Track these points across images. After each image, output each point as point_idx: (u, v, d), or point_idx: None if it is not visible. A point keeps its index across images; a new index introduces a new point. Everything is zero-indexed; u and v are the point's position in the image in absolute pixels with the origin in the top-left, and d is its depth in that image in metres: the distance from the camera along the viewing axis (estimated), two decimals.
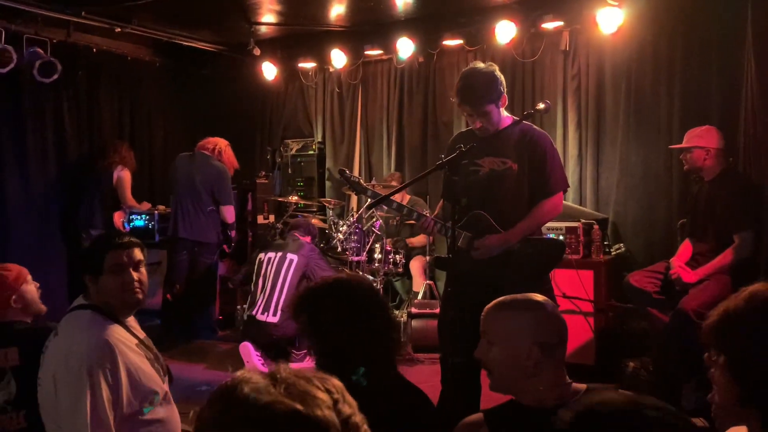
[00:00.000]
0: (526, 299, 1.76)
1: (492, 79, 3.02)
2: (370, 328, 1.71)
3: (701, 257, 3.93)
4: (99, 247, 2.22)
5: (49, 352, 2.09)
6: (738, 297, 1.33)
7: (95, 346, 2.03)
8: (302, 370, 0.82)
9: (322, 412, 0.76)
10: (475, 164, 3.08)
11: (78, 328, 2.09)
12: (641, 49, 5.08)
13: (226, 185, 5.63)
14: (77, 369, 1.98)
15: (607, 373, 4.16)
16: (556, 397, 1.66)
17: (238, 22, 5.91)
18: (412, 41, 5.77)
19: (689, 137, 4.03)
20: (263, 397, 0.75)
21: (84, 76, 6.11)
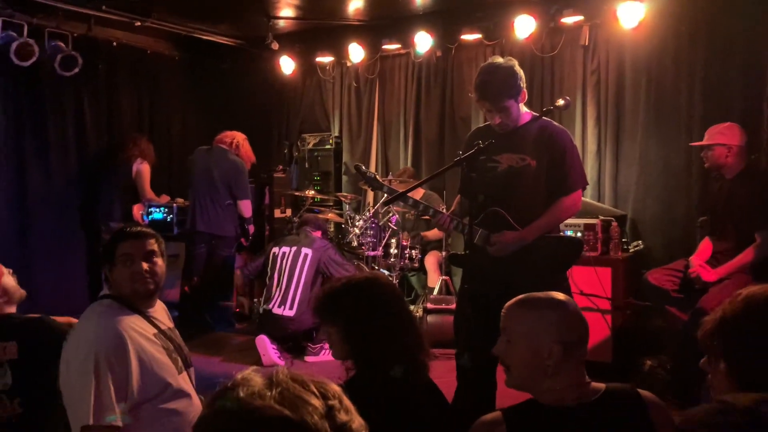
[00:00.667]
0: (548, 297, 1.73)
1: (511, 74, 2.99)
2: (402, 325, 1.73)
3: (721, 256, 3.88)
4: (113, 239, 2.27)
5: (67, 344, 2.13)
6: (734, 301, 1.31)
7: (103, 334, 2.07)
8: (301, 375, 0.83)
9: (312, 419, 0.77)
10: (493, 160, 3.05)
11: (92, 317, 2.15)
12: (662, 45, 5.01)
13: (242, 179, 5.66)
14: (84, 355, 2.02)
15: (624, 370, 4.13)
16: (575, 396, 1.64)
17: (257, 16, 5.93)
18: (430, 35, 5.75)
19: (711, 134, 3.98)
20: (255, 401, 0.77)
21: (104, 69, 6.17)
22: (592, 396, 1.65)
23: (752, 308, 1.27)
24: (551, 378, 1.66)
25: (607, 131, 5.36)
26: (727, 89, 4.70)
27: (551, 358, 1.63)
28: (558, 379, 1.66)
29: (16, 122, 5.56)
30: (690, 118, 4.88)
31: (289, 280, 4.80)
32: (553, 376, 1.66)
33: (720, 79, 4.73)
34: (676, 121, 4.97)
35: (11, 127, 5.53)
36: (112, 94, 6.32)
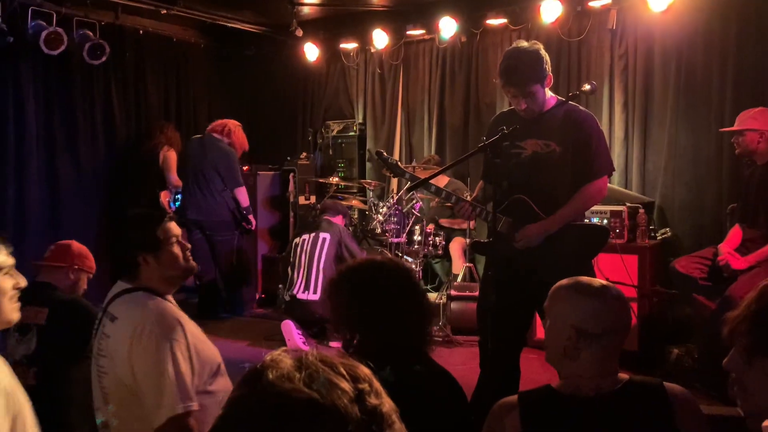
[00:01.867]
0: (587, 284, 1.72)
1: (537, 59, 2.94)
2: (403, 314, 1.68)
3: (751, 244, 3.81)
4: (149, 223, 2.19)
5: (117, 338, 2.04)
6: (764, 293, 1.22)
7: (166, 322, 2.03)
8: (331, 357, 0.83)
9: (341, 402, 0.76)
10: (518, 146, 3.00)
11: (142, 307, 2.07)
12: (693, 28, 4.91)
13: (232, 167, 5.65)
14: (155, 347, 1.96)
15: (650, 359, 4.10)
16: (594, 386, 1.63)
17: (281, 3, 5.93)
18: (454, 21, 5.70)
19: (742, 119, 3.89)
20: (284, 384, 0.77)
21: (131, 57, 6.24)
22: (613, 387, 1.62)
23: None
24: (570, 362, 1.67)
25: (635, 117, 5.28)
26: (759, 74, 4.60)
27: (569, 341, 1.65)
28: (578, 367, 1.66)
29: (46, 110, 5.67)
30: (721, 104, 4.79)
31: (309, 265, 4.85)
32: (571, 360, 1.66)
33: (752, 64, 4.63)
34: (706, 106, 4.88)
35: (42, 115, 5.63)
36: (139, 82, 6.40)
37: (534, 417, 1.62)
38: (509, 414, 1.63)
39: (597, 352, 1.65)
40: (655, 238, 4.65)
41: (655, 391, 1.63)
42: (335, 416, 0.75)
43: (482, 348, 2.99)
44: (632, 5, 5.11)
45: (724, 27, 4.78)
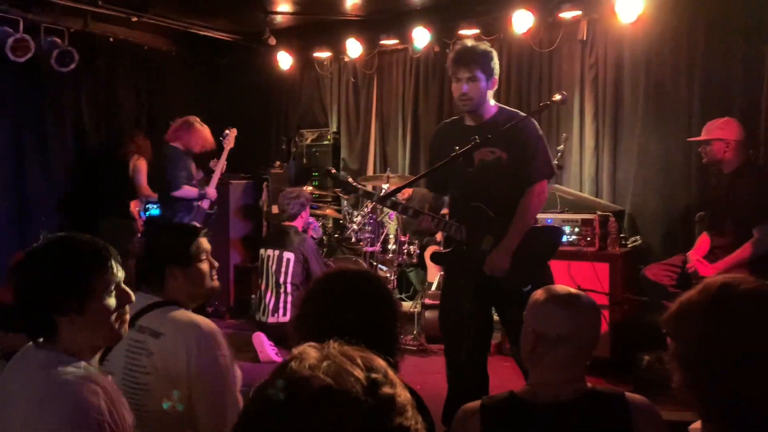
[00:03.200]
0: (553, 291, 1.76)
1: (488, 52, 3.05)
2: (368, 324, 1.64)
3: (719, 251, 3.88)
4: (186, 237, 2.16)
5: (168, 353, 1.96)
6: (695, 288, 1.39)
7: (217, 336, 2.00)
8: (351, 350, 0.90)
9: (354, 389, 0.83)
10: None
11: (187, 323, 2.02)
12: (661, 39, 5.00)
13: (169, 170, 5.16)
14: (214, 361, 1.95)
15: (622, 366, 4.13)
16: (552, 394, 1.64)
17: (254, 12, 5.92)
18: (428, 30, 5.73)
19: (709, 129, 3.97)
20: (304, 371, 0.85)
21: (102, 65, 6.16)
22: (574, 395, 1.64)
23: (705, 295, 1.33)
24: (535, 369, 1.70)
25: (605, 126, 5.35)
26: (726, 84, 4.69)
27: (528, 344, 1.70)
28: (540, 373, 1.69)
29: (14, 118, 5.56)
30: (689, 114, 4.87)
31: (278, 287, 4.74)
32: (536, 367, 1.69)
33: (719, 74, 4.72)
34: (675, 116, 4.96)
35: (9, 124, 5.52)
36: (110, 90, 6.32)
37: (494, 422, 1.64)
38: (471, 418, 1.66)
39: (557, 358, 1.66)
40: (626, 246, 4.70)
41: (615, 401, 1.64)
42: (347, 401, 0.82)
43: (451, 357, 2.99)
44: (602, 17, 5.19)
45: (691, 39, 4.88)
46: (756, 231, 3.69)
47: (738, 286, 1.32)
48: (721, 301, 1.32)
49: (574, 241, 4.43)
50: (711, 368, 1.27)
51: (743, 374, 1.25)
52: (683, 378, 1.33)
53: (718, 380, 1.26)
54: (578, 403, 1.62)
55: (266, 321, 4.77)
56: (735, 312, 1.30)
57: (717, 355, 1.27)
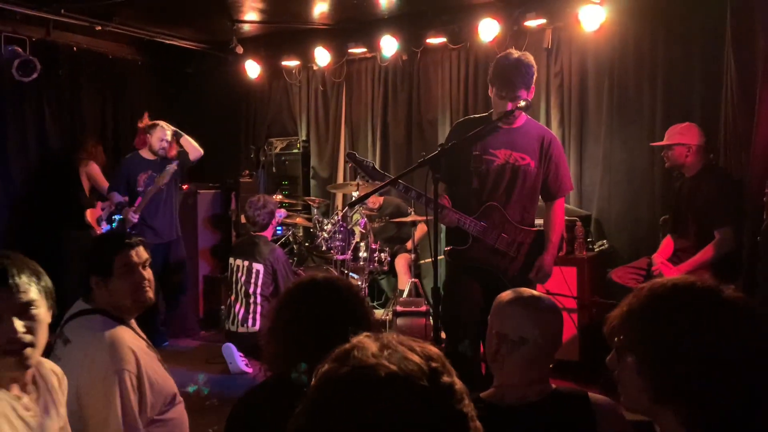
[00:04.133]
0: (516, 294, 1.78)
1: (531, 66, 3.14)
2: (324, 325, 1.63)
3: (683, 253, 3.96)
4: (108, 248, 2.15)
5: (65, 363, 1.94)
6: (639, 294, 1.28)
7: (118, 351, 1.96)
8: (409, 339, 0.93)
9: (418, 376, 0.86)
10: (490, 153, 3.13)
11: (94, 334, 2.00)
12: (623, 47, 5.10)
13: (111, 174, 5.53)
14: (103, 377, 1.91)
15: (591, 368, 4.18)
16: (518, 396, 1.66)
17: (221, 20, 5.88)
18: (395, 39, 5.77)
19: (670, 134, 4.06)
20: (369, 360, 0.87)
21: (65, 75, 6.05)
22: (537, 396, 1.66)
23: (657, 298, 1.24)
24: (500, 371, 1.72)
25: (571, 133, 5.43)
26: (686, 90, 4.81)
27: (491, 347, 1.72)
28: (504, 375, 1.70)
29: None
30: (652, 119, 4.98)
31: (247, 297, 4.71)
32: (500, 369, 1.71)
33: (680, 81, 4.84)
34: (638, 122, 5.07)
35: None
36: (74, 100, 6.20)
37: None
38: None
39: (519, 360, 1.68)
40: (593, 250, 4.77)
41: (578, 401, 1.66)
42: (412, 387, 0.85)
43: (457, 352, 2.99)
44: (566, 25, 5.28)
45: (652, 46, 4.99)
46: (717, 233, 3.78)
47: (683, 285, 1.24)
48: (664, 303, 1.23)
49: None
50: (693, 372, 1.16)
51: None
52: (653, 392, 1.21)
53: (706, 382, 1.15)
54: (543, 404, 1.64)
55: (236, 331, 4.72)
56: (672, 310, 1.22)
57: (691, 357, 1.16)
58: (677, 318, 1.19)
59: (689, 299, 1.21)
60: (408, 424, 0.83)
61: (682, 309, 1.20)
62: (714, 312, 1.18)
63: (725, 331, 1.17)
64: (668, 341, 1.18)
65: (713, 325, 1.17)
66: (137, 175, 5.31)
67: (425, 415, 0.84)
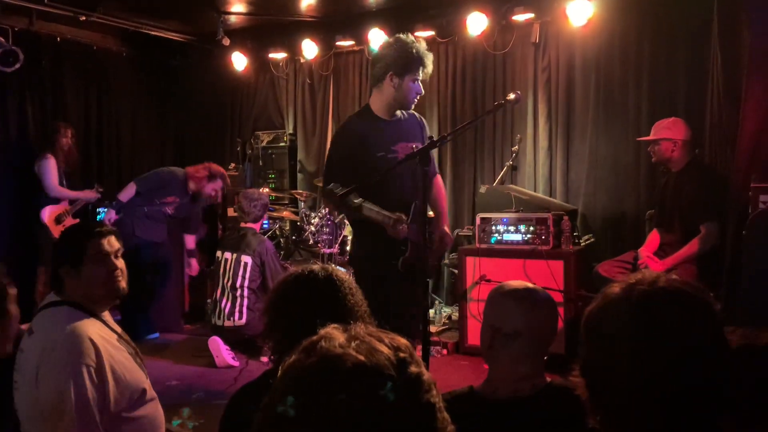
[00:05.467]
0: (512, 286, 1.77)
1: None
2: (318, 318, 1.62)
3: (668, 247, 3.99)
4: (77, 237, 2.11)
5: (27, 353, 1.96)
6: (596, 297, 1.28)
7: (78, 343, 1.93)
8: (377, 330, 0.94)
9: (385, 366, 0.86)
10: (392, 151, 3.06)
11: (57, 324, 1.98)
12: (610, 42, 5.13)
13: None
14: (61, 366, 1.88)
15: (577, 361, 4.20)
16: (511, 389, 1.65)
17: (207, 12, 5.82)
18: (383, 32, 5.73)
19: (656, 129, 4.09)
20: (336, 350, 0.87)
21: (48, 65, 5.96)
22: (531, 390, 1.65)
23: (607, 302, 1.24)
24: (493, 364, 1.71)
25: (558, 128, 5.46)
26: (672, 86, 4.84)
27: (485, 340, 1.71)
28: (497, 369, 1.70)
29: None
30: (638, 115, 5.01)
31: (234, 290, 4.67)
32: (494, 362, 1.71)
33: (666, 76, 4.87)
34: (624, 117, 5.10)
35: None
36: (58, 91, 6.11)
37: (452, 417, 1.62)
38: None
39: (513, 353, 1.67)
40: (579, 244, 4.79)
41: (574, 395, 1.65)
42: (380, 377, 0.85)
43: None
44: (554, 19, 5.29)
45: (639, 42, 5.02)
46: (703, 227, 3.82)
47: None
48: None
49: (529, 240, 4.50)
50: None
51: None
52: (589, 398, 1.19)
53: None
54: (537, 398, 1.64)
55: (222, 325, 4.69)
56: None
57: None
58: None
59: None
60: (375, 415, 0.83)
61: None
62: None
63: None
64: (601, 348, 1.21)
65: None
66: (170, 194, 5.32)
67: (394, 406, 0.84)
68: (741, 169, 3.51)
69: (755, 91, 3.42)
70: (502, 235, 4.57)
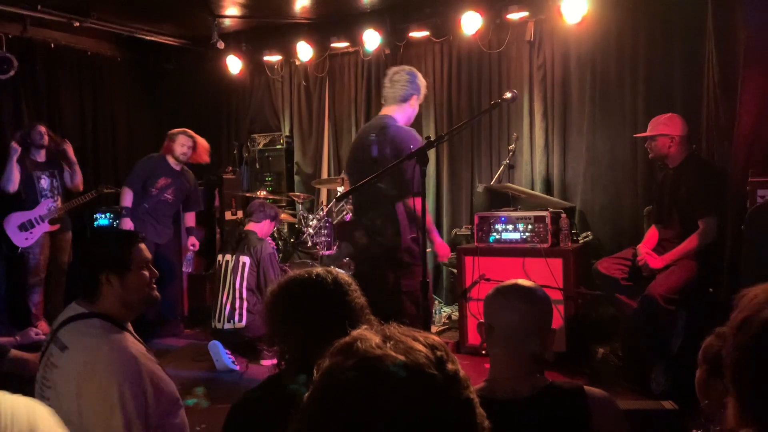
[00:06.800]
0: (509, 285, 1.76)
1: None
2: (323, 322, 1.61)
3: (667, 243, 3.99)
4: (124, 242, 2.08)
5: (65, 370, 1.89)
6: (751, 321, 1.08)
7: (121, 360, 1.88)
8: (411, 330, 0.94)
9: (426, 364, 0.87)
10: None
11: (95, 339, 1.92)
12: (605, 39, 5.13)
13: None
14: (106, 385, 1.83)
15: (577, 359, 4.21)
16: (510, 390, 1.64)
17: (201, 15, 5.82)
18: (378, 33, 5.74)
19: (654, 125, 4.08)
20: (375, 350, 0.87)
21: (42, 72, 5.95)
22: (531, 391, 1.64)
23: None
24: (492, 365, 1.71)
25: (554, 125, 5.46)
26: (668, 82, 4.84)
27: (483, 338, 1.72)
28: (495, 369, 1.69)
29: None
30: (634, 111, 5.01)
31: (233, 293, 4.67)
32: (493, 362, 1.70)
33: (661, 72, 4.87)
34: (620, 114, 5.10)
35: None
36: (53, 98, 6.11)
37: None
38: None
39: (508, 352, 1.67)
40: (578, 241, 4.80)
41: (573, 395, 1.64)
42: (422, 376, 0.85)
43: None
44: (548, 17, 5.29)
45: (633, 37, 5.02)
46: (701, 222, 3.81)
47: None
48: None
49: (527, 238, 4.49)
50: None
51: None
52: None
53: None
54: (537, 398, 1.62)
55: (222, 328, 4.68)
56: None
57: None
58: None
59: None
60: (418, 413, 0.83)
61: None
62: None
63: None
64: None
65: None
66: (158, 177, 5.34)
67: (435, 403, 0.85)
68: (739, 163, 3.51)
69: (751, 86, 3.42)
70: (500, 234, 4.57)
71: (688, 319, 3.75)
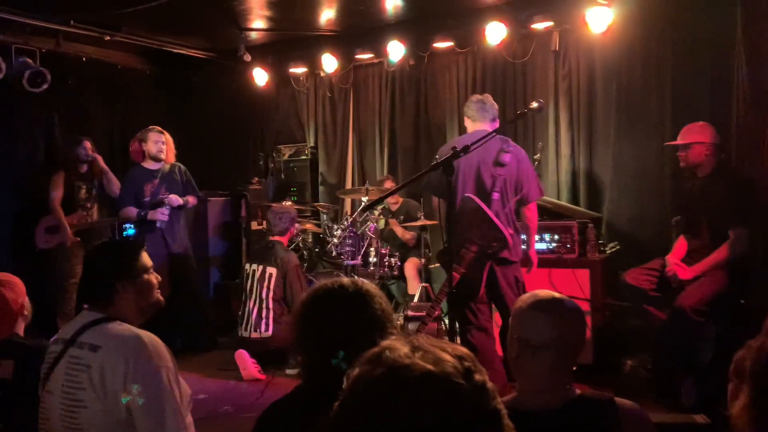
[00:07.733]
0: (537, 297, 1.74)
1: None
2: (351, 328, 1.62)
3: (696, 254, 3.93)
4: (131, 249, 2.20)
5: (106, 363, 1.92)
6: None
7: (158, 349, 1.97)
8: (439, 341, 0.95)
9: (453, 374, 0.87)
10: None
11: (127, 332, 2.00)
12: (631, 48, 5.09)
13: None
14: (154, 376, 1.91)
15: (605, 371, 4.16)
16: (540, 401, 1.62)
17: (229, 29, 5.90)
18: (402, 44, 5.77)
19: (687, 133, 3.98)
20: (404, 360, 0.88)
21: (74, 85, 6.08)
22: (561, 402, 1.62)
23: None
24: (521, 377, 1.69)
25: (580, 135, 5.42)
26: (695, 90, 4.78)
27: (512, 351, 1.70)
28: (525, 381, 1.68)
29: None
30: (661, 120, 4.96)
31: (260, 302, 4.73)
32: (522, 375, 1.69)
33: (688, 81, 4.82)
34: (647, 123, 5.05)
35: None
36: (83, 110, 6.24)
37: None
38: None
39: (541, 365, 1.64)
40: (605, 251, 4.75)
41: (603, 406, 1.62)
42: (450, 386, 0.86)
43: None
44: (574, 27, 5.27)
45: (660, 47, 4.98)
46: (732, 232, 3.75)
47: None
48: None
49: (553, 249, 4.46)
50: None
51: None
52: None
53: None
54: (567, 410, 1.61)
55: (248, 336, 4.73)
56: None
57: None
58: None
59: None
60: (446, 423, 0.84)
61: None
62: None
63: None
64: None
65: None
66: (143, 186, 5.34)
67: (464, 414, 0.85)
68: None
69: None
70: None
71: (718, 331, 3.69)
